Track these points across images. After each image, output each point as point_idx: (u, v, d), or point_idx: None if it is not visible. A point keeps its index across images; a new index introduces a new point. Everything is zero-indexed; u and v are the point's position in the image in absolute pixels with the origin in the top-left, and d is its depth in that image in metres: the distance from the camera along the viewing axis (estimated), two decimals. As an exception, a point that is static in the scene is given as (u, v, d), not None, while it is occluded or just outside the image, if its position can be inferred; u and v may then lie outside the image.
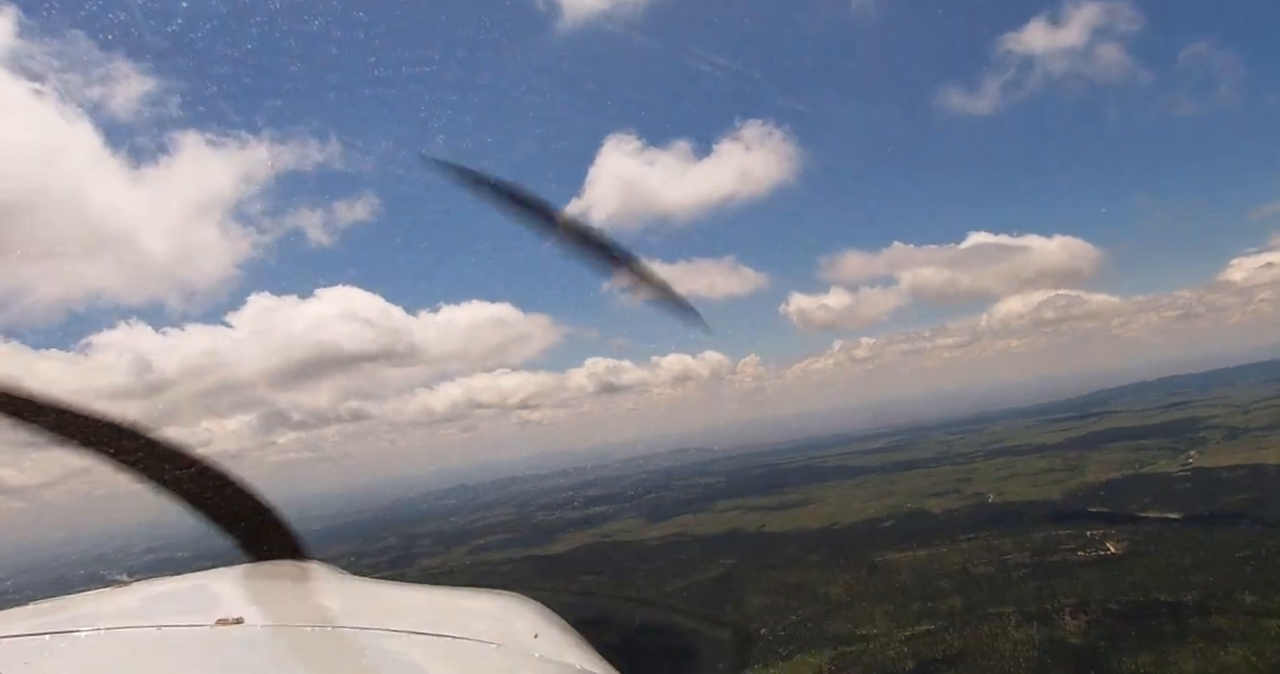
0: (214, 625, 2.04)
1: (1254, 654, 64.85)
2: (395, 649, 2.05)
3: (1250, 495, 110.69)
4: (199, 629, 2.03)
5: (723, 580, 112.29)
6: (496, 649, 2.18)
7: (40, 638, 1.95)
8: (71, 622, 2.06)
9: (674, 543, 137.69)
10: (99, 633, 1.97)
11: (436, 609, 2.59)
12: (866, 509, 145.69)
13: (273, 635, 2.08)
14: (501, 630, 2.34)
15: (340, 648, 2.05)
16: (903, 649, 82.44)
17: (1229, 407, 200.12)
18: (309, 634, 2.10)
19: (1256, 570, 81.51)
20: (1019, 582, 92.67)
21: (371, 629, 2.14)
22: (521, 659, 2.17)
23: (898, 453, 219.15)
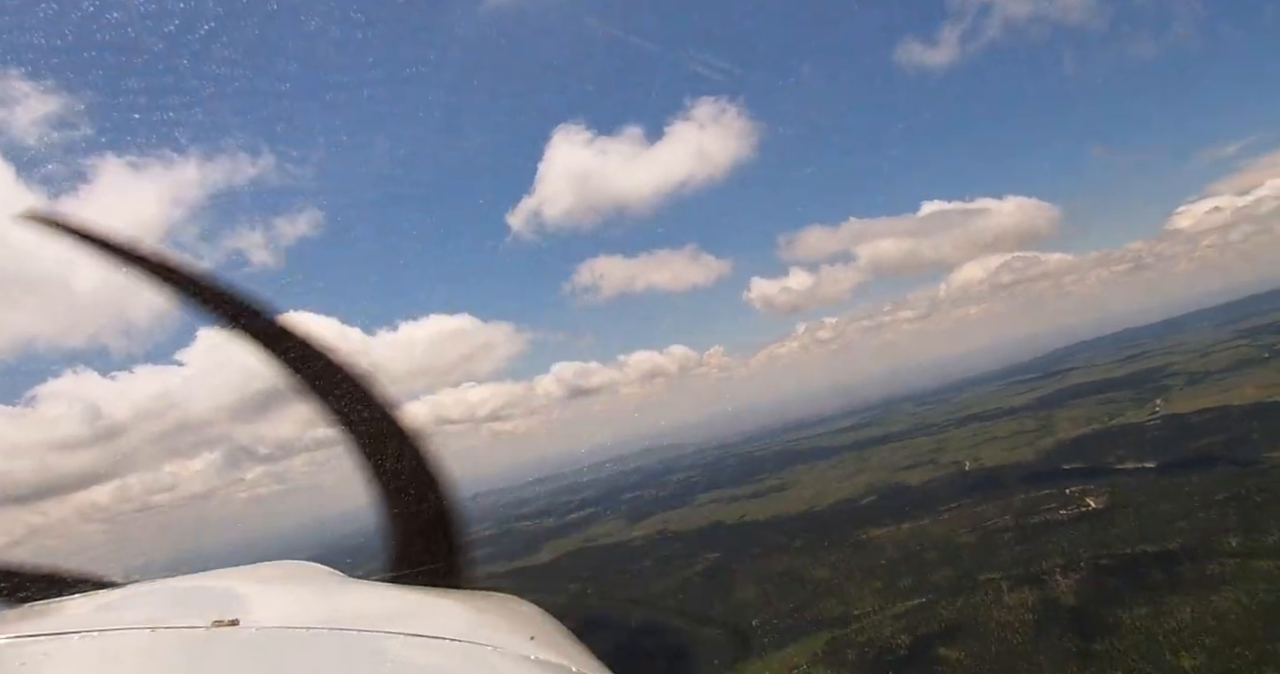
0: (209, 627, 2.04)
1: (1246, 596, 64.53)
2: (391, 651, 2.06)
3: (1221, 438, 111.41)
4: (194, 631, 2.03)
5: (710, 575, 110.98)
6: (492, 651, 2.17)
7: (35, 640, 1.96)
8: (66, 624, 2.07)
9: (657, 541, 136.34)
10: (94, 635, 1.98)
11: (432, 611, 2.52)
12: (845, 488, 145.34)
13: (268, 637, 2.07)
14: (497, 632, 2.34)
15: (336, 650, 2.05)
16: (897, 626, 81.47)
17: (1187, 353, 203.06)
18: (305, 636, 2.09)
19: (1237, 512, 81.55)
20: (1005, 546, 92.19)
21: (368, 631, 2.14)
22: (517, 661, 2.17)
23: (870, 429, 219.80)
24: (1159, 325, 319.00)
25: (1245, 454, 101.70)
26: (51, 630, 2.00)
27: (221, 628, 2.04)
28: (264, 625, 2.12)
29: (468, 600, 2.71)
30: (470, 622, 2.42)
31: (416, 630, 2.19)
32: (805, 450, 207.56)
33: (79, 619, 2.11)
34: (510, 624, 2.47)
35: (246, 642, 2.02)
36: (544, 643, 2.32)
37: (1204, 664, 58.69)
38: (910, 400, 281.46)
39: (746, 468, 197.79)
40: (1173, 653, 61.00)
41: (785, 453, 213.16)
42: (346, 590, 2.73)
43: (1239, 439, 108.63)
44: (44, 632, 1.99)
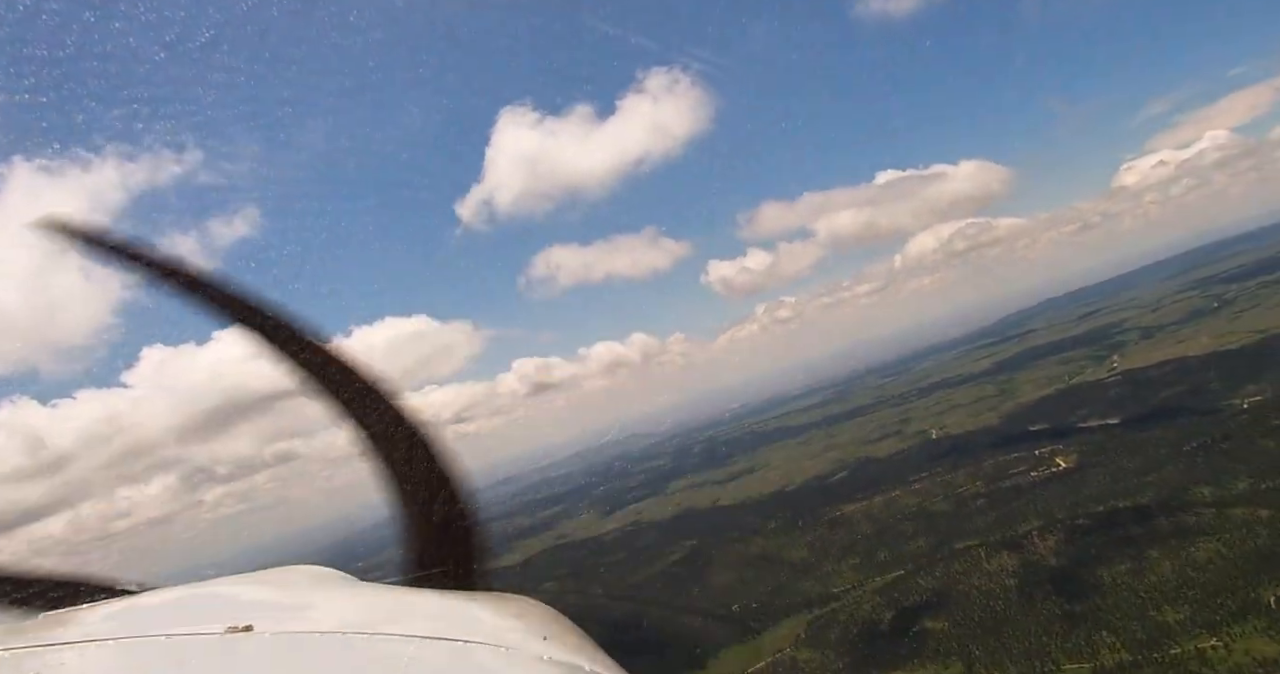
0: (224, 633, 2.06)
1: (1223, 546, 64.36)
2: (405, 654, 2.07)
3: (1182, 388, 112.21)
4: (209, 637, 2.05)
5: (687, 563, 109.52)
6: (506, 652, 2.19)
7: (51, 649, 1.98)
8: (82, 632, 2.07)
9: (631, 533, 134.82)
10: (110, 643, 2.00)
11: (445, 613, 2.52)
12: (815, 466, 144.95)
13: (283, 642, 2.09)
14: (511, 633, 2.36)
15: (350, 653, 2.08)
16: (878, 601, 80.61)
17: (1138, 308, 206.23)
18: (319, 640, 2.12)
19: (1205, 462, 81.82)
20: (979, 512, 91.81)
21: (381, 634, 2.16)
22: (531, 662, 2.19)
23: (835, 405, 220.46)
24: (1110, 282, 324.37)
25: (1206, 403, 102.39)
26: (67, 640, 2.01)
27: (236, 634, 2.06)
28: (279, 631, 2.14)
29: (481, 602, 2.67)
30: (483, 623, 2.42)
31: (430, 633, 2.20)
32: (772, 431, 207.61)
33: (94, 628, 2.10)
34: (523, 625, 2.46)
35: (262, 647, 2.05)
36: (558, 643, 2.35)
37: (1188, 617, 58.34)
38: (873, 373, 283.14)
39: (715, 452, 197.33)
40: (1156, 608, 60.63)
41: (753, 434, 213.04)
42: (359, 594, 2.68)
43: (1198, 389, 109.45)
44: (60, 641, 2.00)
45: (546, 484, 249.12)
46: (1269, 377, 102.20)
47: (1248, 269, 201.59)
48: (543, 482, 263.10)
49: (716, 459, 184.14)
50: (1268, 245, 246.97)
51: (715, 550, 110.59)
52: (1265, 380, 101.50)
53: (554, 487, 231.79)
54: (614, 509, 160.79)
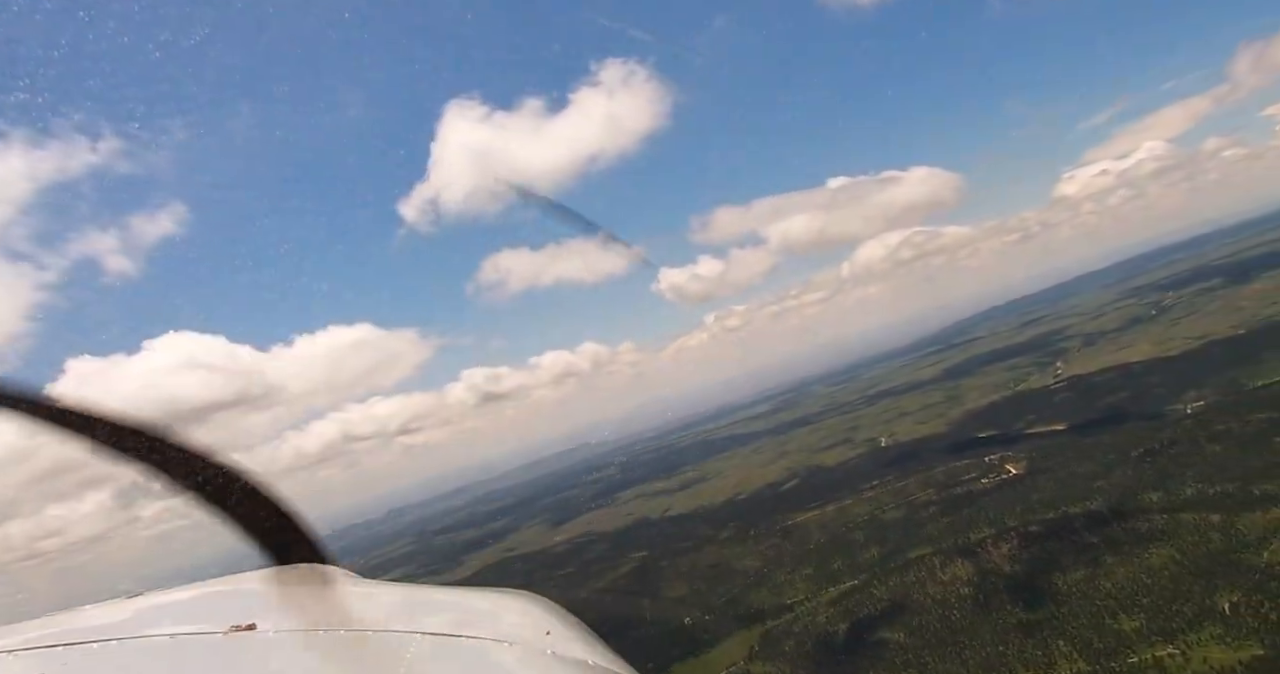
0: (227, 632, 2.07)
1: (1176, 552, 64.37)
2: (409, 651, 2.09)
3: (1126, 394, 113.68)
4: (212, 636, 2.06)
5: (637, 575, 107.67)
6: (509, 647, 2.22)
7: (54, 650, 2.00)
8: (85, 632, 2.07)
9: (581, 544, 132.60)
10: (112, 644, 2.02)
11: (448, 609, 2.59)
12: (766, 474, 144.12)
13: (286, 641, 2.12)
14: (514, 629, 2.38)
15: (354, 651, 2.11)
16: (832, 612, 79.49)
17: (1079, 315, 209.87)
18: (323, 638, 2.15)
19: (1153, 467, 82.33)
20: (931, 520, 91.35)
21: (385, 631, 2.20)
22: (535, 657, 2.21)
23: (784, 413, 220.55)
24: (1050, 291, 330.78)
25: (1150, 409, 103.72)
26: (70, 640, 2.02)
27: (239, 633, 2.07)
28: (281, 628, 2.15)
29: (483, 598, 2.74)
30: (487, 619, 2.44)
31: (433, 629, 2.22)
32: (723, 439, 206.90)
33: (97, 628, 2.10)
34: (526, 620, 2.48)
35: (265, 645, 2.06)
36: (561, 638, 2.37)
37: (1144, 625, 57.97)
38: (821, 381, 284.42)
39: (666, 461, 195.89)
40: (1112, 616, 60.21)
41: (703, 443, 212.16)
42: (361, 591, 2.74)
43: (1142, 395, 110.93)
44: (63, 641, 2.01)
45: (495, 495, 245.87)
46: (1211, 382, 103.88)
47: (1183, 277, 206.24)
48: (492, 493, 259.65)
49: (667, 468, 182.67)
50: (1202, 253, 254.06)
51: (666, 562, 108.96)
52: (1207, 386, 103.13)
53: (503, 498, 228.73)
54: (564, 520, 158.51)
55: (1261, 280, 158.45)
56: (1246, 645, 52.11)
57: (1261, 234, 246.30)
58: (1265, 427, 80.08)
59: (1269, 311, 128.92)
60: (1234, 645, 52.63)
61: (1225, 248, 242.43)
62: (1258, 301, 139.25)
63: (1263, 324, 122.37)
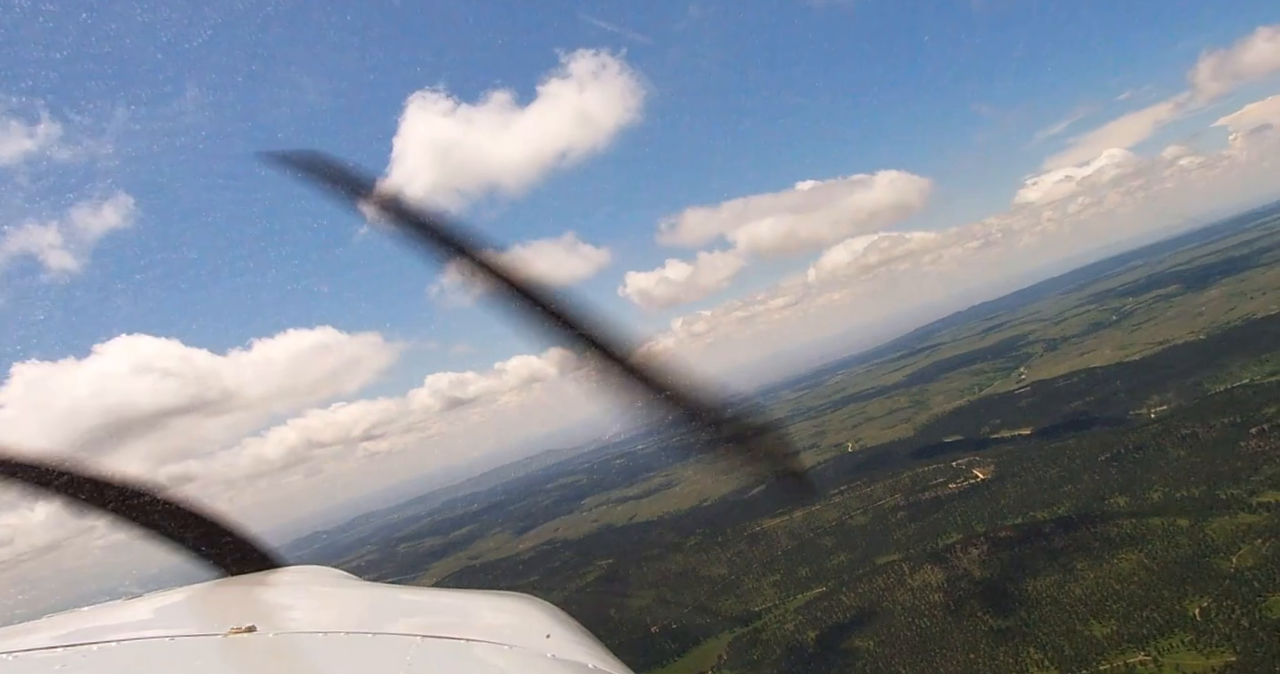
0: (227, 634, 2.09)
1: (1145, 557, 64.25)
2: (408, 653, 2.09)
3: (1091, 399, 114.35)
4: (212, 638, 2.08)
5: (604, 582, 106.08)
6: (509, 650, 2.23)
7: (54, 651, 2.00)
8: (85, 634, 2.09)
9: (546, 552, 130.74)
10: (112, 645, 2.02)
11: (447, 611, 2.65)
12: (732, 480, 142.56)
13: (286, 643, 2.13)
14: (513, 631, 2.40)
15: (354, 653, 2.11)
16: (801, 619, 78.64)
17: (1041, 321, 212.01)
18: (323, 641, 2.16)
19: (1120, 472, 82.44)
20: (899, 526, 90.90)
21: (384, 633, 2.21)
22: (534, 660, 2.22)
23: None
24: (1011, 297, 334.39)
25: (1115, 413, 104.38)
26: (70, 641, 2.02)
27: (239, 635, 2.08)
28: (281, 631, 2.18)
29: (483, 600, 2.77)
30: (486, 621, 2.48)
31: (432, 631, 2.23)
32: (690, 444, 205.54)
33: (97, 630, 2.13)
34: (526, 623, 2.52)
35: (264, 648, 2.07)
36: (560, 641, 2.39)
37: (1115, 632, 57.66)
38: (786, 386, 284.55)
39: (632, 467, 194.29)
40: (1082, 623, 59.87)
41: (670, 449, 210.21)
42: (361, 593, 2.78)
43: (1106, 400, 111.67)
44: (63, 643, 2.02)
45: (460, 502, 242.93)
46: (1173, 386, 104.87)
47: (1141, 283, 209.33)
48: (457, 500, 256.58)
49: (633, 474, 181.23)
50: (1159, 261, 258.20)
51: (633, 569, 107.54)
52: (1170, 390, 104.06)
53: (468, 505, 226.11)
54: (529, 527, 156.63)
55: (1218, 287, 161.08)
56: (1218, 652, 51.91)
57: (1215, 242, 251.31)
58: (1229, 431, 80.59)
59: (1227, 317, 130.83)
60: (1206, 652, 52.41)
61: (1181, 255, 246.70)
62: (1216, 307, 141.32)
63: (1222, 330, 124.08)
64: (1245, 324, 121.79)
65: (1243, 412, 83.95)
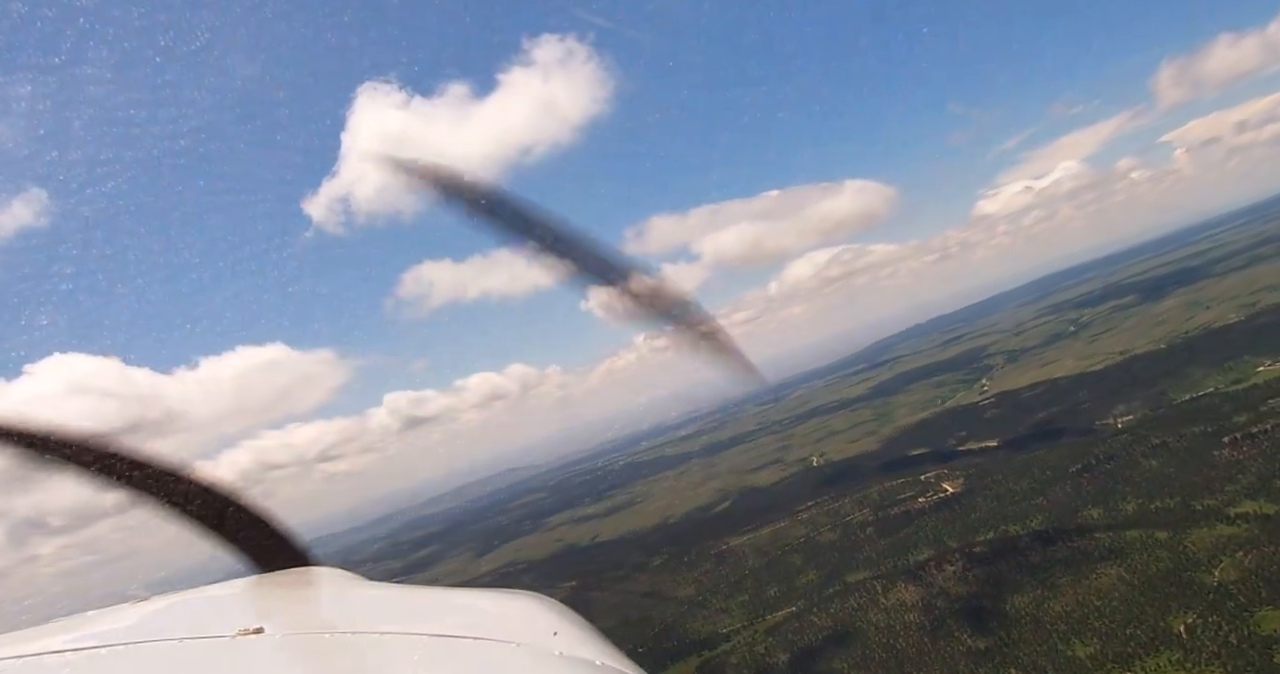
0: (234, 636, 2.09)
1: (1125, 571, 62.70)
2: (416, 652, 2.11)
3: (1056, 410, 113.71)
4: (220, 640, 2.09)
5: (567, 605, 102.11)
6: (516, 648, 2.23)
7: (63, 655, 2.01)
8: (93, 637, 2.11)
9: (507, 574, 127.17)
10: (119, 648, 2.03)
11: (454, 610, 2.65)
12: (697, 497, 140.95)
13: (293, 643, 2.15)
14: (520, 630, 2.39)
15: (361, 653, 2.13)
16: (771, 641, 76.16)
17: (1000, 332, 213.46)
18: (330, 641, 2.18)
19: (1092, 483, 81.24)
20: (869, 542, 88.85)
21: (391, 633, 2.22)
22: (542, 657, 2.22)
23: (714, 434, 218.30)
24: (969, 309, 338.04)
25: (1082, 424, 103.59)
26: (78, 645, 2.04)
27: (247, 636, 2.09)
28: (288, 632, 2.18)
29: (490, 599, 2.77)
30: (493, 619, 2.49)
31: (439, 630, 2.25)
32: (652, 461, 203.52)
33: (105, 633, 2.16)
34: (533, 621, 2.51)
35: (272, 648, 2.08)
36: (567, 638, 2.37)
37: (1099, 651, 55.79)
38: (750, 401, 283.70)
39: (595, 485, 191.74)
40: (1064, 642, 57.95)
41: (632, 466, 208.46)
42: (368, 593, 2.79)
43: (1072, 410, 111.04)
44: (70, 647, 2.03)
45: (420, 523, 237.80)
46: (1138, 396, 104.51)
47: (1098, 294, 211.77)
48: (416, 521, 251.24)
49: (596, 492, 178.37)
50: (1112, 272, 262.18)
51: (596, 591, 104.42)
52: (1135, 399, 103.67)
53: (428, 525, 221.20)
54: (490, 548, 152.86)
55: (1174, 297, 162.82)
56: (1208, 671, 50.20)
57: (1166, 254, 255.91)
58: (1200, 440, 79.86)
59: (1186, 327, 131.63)
60: (1195, 671, 50.68)
61: (1134, 267, 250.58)
62: (1175, 317, 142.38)
63: (1182, 339, 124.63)
64: (1205, 333, 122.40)
65: (1213, 420, 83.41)
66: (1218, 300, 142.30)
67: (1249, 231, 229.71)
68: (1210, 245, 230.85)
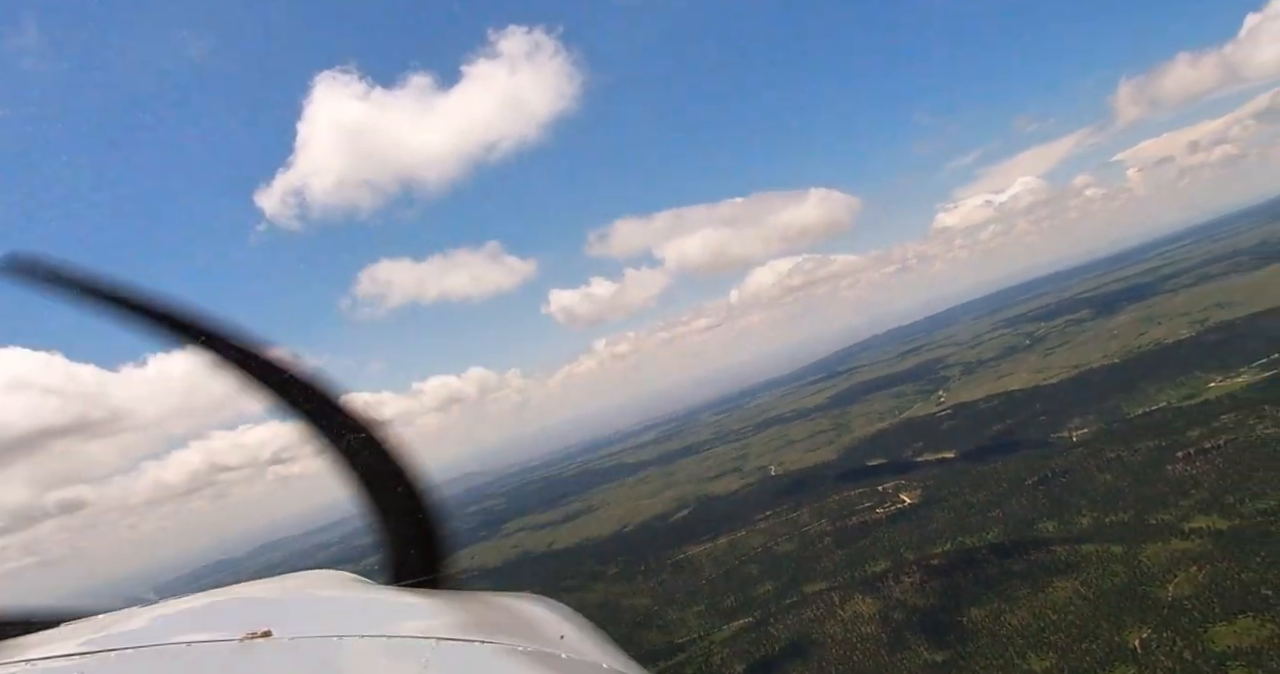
0: (242, 640, 2.11)
1: (1081, 585, 62.78)
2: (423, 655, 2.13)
3: (1012, 422, 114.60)
4: (227, 643, 2.10)
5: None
6: (523, 651, 2.25)
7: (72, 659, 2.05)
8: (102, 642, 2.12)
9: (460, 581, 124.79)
10: (129, 652, 2.06)
11: (460, 613, 2.62)
12: (654, 505, 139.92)
13: (301, 647, 2.15)
14: (527, 632, 2.43)
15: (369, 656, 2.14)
16: (727, 652, 75.24)
17: (956, 345, 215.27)
18: (337, 644, 2.18)
19: (1047, 496, 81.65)
20: (827, 552, 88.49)
21: (399, 636, 2.24)
22: (548, 660, 2.24)
23: (672, 441, 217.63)
24: (925, 321, 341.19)
25: (1038, 436, 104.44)
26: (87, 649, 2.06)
27: (255, 640, 2.10)
28: (296, 635, 2.18)
29: (496, 601, 2.80)
30: (501, 622, 2.50)
31: (446, 633, 2.25)
32: (610, 468, 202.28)
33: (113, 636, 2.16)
34: (540, 623, 2.57)
35: (280, 652, 2.09)
36: (574, 641, 2.42)
37: (1055, 665, 55.64)
38: (708, 408, 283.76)
39: (552, 491, 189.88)
40: (1021, 656, 57.79)
41: (590, 472, 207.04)
42: (375, 596, 2.82)
43: (1028, 423, 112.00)
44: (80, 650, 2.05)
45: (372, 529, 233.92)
46: (1093, 410, 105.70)
47: (1052, 309, 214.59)
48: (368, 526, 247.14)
49: (553, 498, 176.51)
50: (1066, 287, 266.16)
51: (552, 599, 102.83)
52: (1090, 413, 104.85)
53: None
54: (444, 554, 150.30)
55: (1127, 313, 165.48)
56: (1163, 686, 50.26)
57: (1119, 270, 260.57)
58: (1154, 454, 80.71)
59: (1139, 342, 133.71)
60: (1150, 686, 50.72)
61: (1087, 282, 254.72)
62: (1127, 332, 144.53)
63: (1135, 354, 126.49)
64: (1158, 349, 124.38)
65: (1166, 435, 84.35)
66: (1169, 317, 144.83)
67: (1199, 250, 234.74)
68: (1161, 262, 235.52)
